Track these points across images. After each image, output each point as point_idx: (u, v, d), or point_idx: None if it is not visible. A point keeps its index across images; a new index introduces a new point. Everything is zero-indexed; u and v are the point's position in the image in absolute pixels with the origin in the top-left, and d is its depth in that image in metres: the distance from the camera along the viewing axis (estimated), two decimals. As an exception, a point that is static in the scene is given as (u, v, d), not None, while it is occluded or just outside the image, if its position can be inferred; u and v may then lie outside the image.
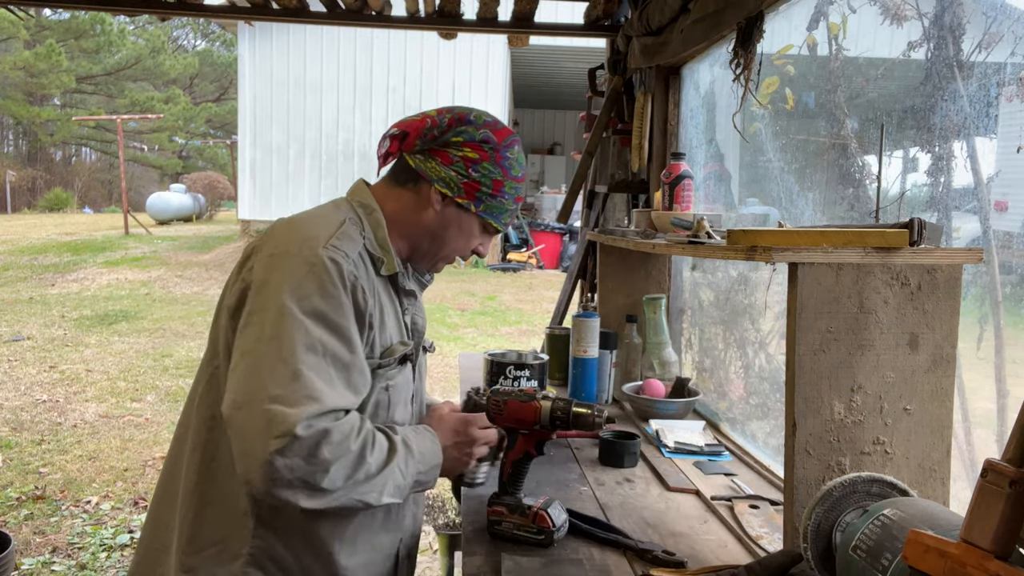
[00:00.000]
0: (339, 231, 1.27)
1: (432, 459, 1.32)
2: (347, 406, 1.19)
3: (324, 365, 1.17)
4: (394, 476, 1.23)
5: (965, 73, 1.47)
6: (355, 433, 1.17)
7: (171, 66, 25.83)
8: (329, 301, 1.19)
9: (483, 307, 9.33)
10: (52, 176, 26.45)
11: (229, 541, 1.25)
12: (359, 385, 1.22)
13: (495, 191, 1.37)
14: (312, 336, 1.16)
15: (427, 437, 1.34)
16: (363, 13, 3.17)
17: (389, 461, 1.22)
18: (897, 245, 1.23)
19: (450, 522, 3.92)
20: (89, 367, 6.58)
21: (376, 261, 1.31)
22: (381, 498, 1.22)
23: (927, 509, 1.07)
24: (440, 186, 1.36)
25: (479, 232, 1.43)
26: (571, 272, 3.60)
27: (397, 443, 1.25)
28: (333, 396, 1.16)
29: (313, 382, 1.14)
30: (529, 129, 19.17)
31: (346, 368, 1.19)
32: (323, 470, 1.13)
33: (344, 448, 1.15)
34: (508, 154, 1.38)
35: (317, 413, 1.12)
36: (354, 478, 1.17)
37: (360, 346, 1.23)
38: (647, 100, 2.75)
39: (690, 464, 1.93)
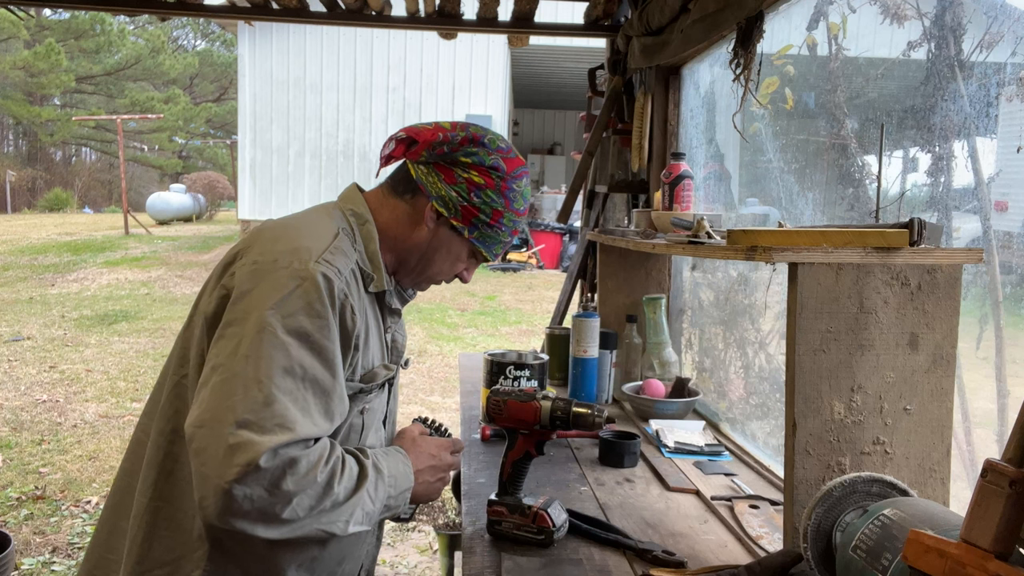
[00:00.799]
0: (333, 244, 1.19)
1: (403, 483, 1.25)
2: (320, 435, 1.11)
3: (301, 391, 1.09)
4: (363, 503, 1.15)
5: (965, 73, 1.47)
6: (323, 462, 1.09)
7: (171, 66, 25.84)
8: (316, 321, 1.11)
9: (483, 307, 9.33)
10: (52, 176, 26.45)
11: (180, 563, 1.18)
12: (336, 413, 1.14)
13: (493, 220, 1.32)
14: (292, 358, 1.08)
15: (399, 460, 1.27)
16: (363, 13, 3.17)
17: (358, 488, 1.15)
18: (897, 245, 1.23)
19: (450, 522, 3.92)
20: (89, 367, 6.58)
21: (366, 277, 1.25)
22: (348, 527, 1.14)
23: (927, 509, 1.07)
24: (437, 204, 1.30)
25: (466, 257, 1.38)
26: (571, 272, 3.60)
27: (368, 468, 1.17)
28: (306, 425, 1.08)
29: (287, 409, 1.06)
30: (529, 129, 19.17)
31: (326, 395, 1.12)
32: (284, 501, 1.05)
33: (310, 479, 1.07)
34: (515, 185, 1.33)
35: (286, 443, 1.05)
36: (319, 508, 1.09)
37: (342, 371, 1.16)
38: (647, 100, 2.75)
39: (690, 464, 1.93)
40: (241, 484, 1.02)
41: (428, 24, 3.23)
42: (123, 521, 1.25)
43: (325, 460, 1.10)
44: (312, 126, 12.77)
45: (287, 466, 1.05)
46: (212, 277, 1.22)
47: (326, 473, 1.09)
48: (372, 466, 1.19)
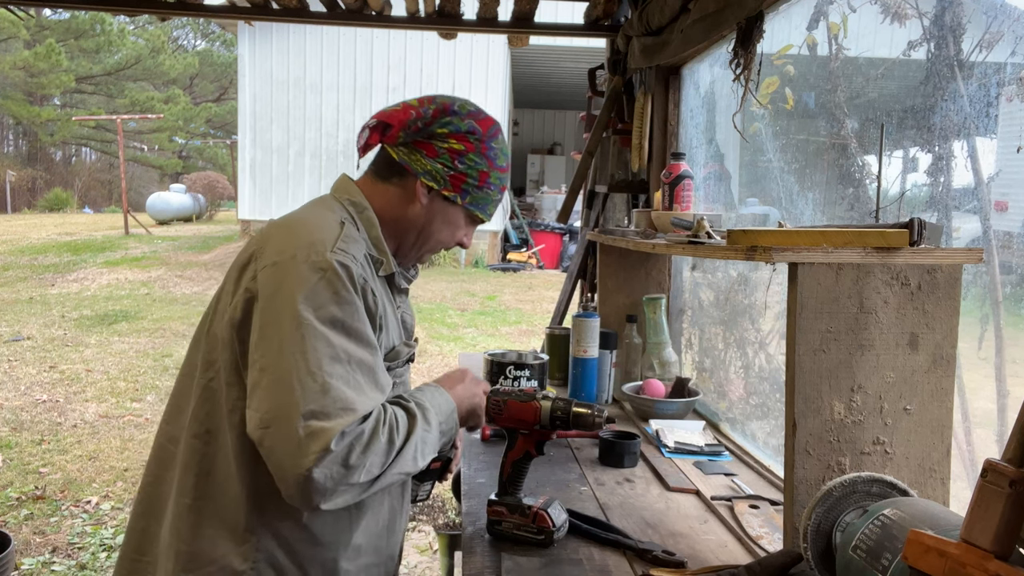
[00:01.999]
0: (343, 233, 1.24)
1: (446, 406, 1.33)
2: (375, 407, 1.18)
3: (351, 373, 1.15)
4: (421, 437, 1.23)
5: (965, 73, 1.47)
6: (381, 425, 1.17)
7: (171, 66, 25.84)
8: (345, 308, 1.17)
9: (483, 307, 9.33)
10: (52, 176, 26.45)
11: (230, 557, 1.22)
12: (383, 383, 1.22)
13: (481, 182, 1.36)
14: (335, 346, 1.15)
15: (431, 391, 1.34)
16: (363, 13, 3.17)
17: (412, 428, 1.22)
18: (897, 245, 1.23)
19: (450, 522, 3.92)
20: (89, 367, 6.58)
21: (375, 262, 1.30)
22: (418, 462, 1.23)
23: (927, 509, 1.07)
24: (426, 179, 1.34)
25: (465, 223, 1.42)
26: (571, 272, 3.60)
27: (412, 408, 1.25)
28: (363, 402, 1.15)
29: (344, 392, 1.13)
30: (529, 129, 19.17)
31: (371, 371, 1.19)
32: (359, 468, 1.13)
33: (375, 443, 1.14)
34: (493, 144, 1.37)
35: (352, 421, 1.12)
36: (388, 461, 1.17)
37: (377, 346, 1.24)
38: (647, 100, 2.75)
39: (690, 464, 1.93)
40: (319, 468, 1.09)
41: (428, 24, 3.23)
42: (154, 526, 1.29)
43: (382, 422, 1.17)
44: (312, 126, 12.77)
45: (354, 441, 1.12)
46: (228, 282, 1.26)
47: (386, 432, 1.17)
48: (416, 404, 1.26)
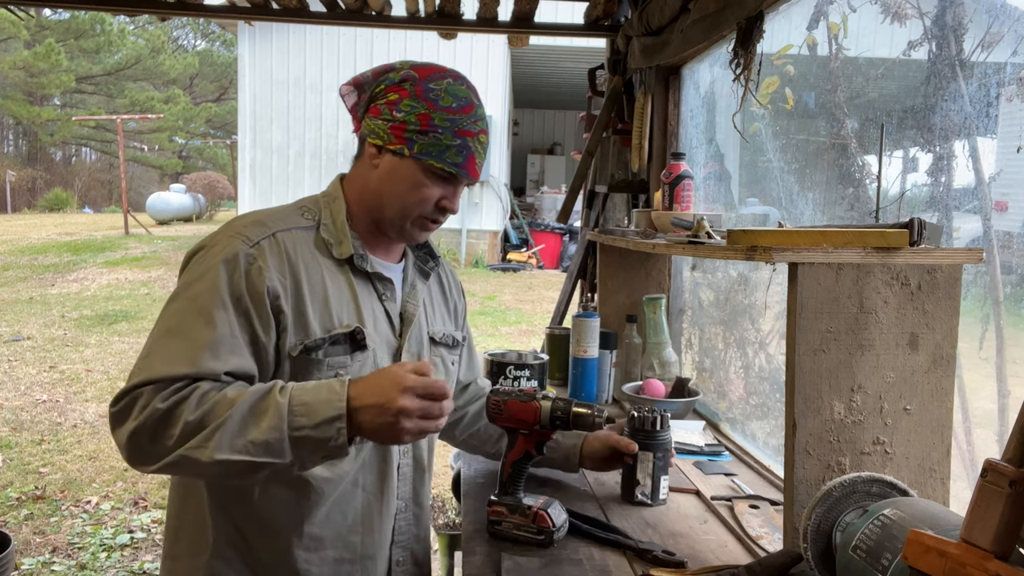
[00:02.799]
0: (258, 219, 1.29)
1: (323, 411, 1.12)
2: (176, 375, 1.14)
3: (175, 344, 1.17)
4: (232, 428, 1.11)
5: (966, 73, 1.47)
6: (166, 394, 1.13)
7: (171, 66, 25.83)
8: (207, 284, 1.20)
9: (483, 307, 9.32)
10: (52, 176, 26.43)
11: (201, 532, 1.29)
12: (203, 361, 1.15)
13: (423, 126, 1.27)
14: (173, 317, 1.20)
15: (324, 389, 1.15)
16: (363, 13, 3.17)
17: (222, 413, 1.11)
18: (897, 245, 1.23)
19: (450, 522, 3.92)
20: (89, 367, 6.58)
21: (328, 245, 1.31)
22: (213, 453, 1.09)
23: (927, 509, 1.07)
24: (372, 139, 1.32)
25: (427, 179, 1.30)
26: (571, 272, 3.60)
27: (245, 395, 1.13)
28: (161, 368, 1.15)
29: (152, 359, 1.17)
30: (529, 129, 19.16)
31: (196, 348, 1.16)
32: (133, 433, 1.12)
33: (150, 409, 1.12)
34: (432, 86, 1.29)
35: (139, 383, 1.14)
36: (166, 433, 1.11)
37: (224, 329, 1.18)
38: (647, 100, 2.75)
39: (690, 464, 1.93)
40: (114, 426, 1.15)
41: (428, 24, 3.23)
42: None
43: (172, 392, 1.14)
44: (312, 126, 12.77)
45: (132, 402, 1.14)
46: None
47: (169, 402, 1.13)
48: (257, 393, 1.14)
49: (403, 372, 1.15)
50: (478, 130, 1.32)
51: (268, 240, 1.25)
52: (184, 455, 1.11)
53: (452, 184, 1.33)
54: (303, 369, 1.26)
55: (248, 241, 1.24)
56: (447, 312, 1.56)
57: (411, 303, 1.42)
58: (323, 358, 1.26)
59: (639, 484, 1.64)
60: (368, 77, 1.35)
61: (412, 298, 1.43)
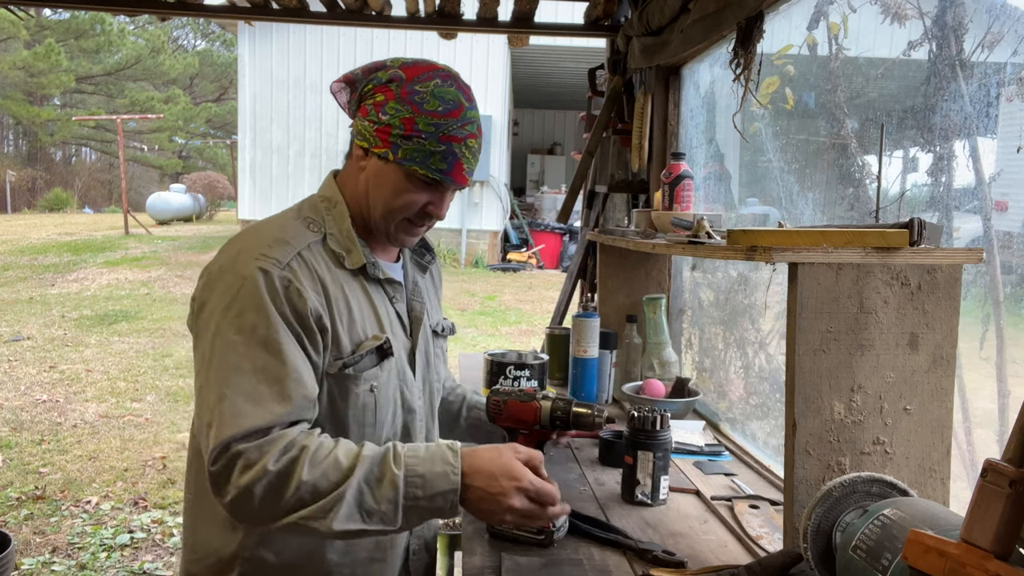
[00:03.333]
0: (275, 237, 1.23)
1: (439, 483, 1.15)
2: (276, 421, 1.13)
3: (252, 383, 1.13)
4: (351, 498, 1.11)
5: (966, 73, 1.47)
6: (276, 452, 1.10)
7: (171, 66, 25.83)
8: (257, 315, 1.16)
9: (483, 307, 9.32)
10: (52, 176, 26.44)
11: (222, 551, 1.27)
12: (294, 394, 1.15)
13: (407, 130, 1.23)
14: (241, 355, 1.14)
15: (438, 458, 1.17)
16: (363, 13, 3.17)
17: (343, 481, 1.11)
18: (897, 245, 1.23)
19: (450, 522, 3.92)
20: (89, 367, 6.58)
21: (338, 256, 1.27)
22: (332, 524, 1.10)
23: (927, 509, 1.07)
24: (359, 140, 1.29)
25: (411, 185, 1.27)
26: (571, 272, 3.60)
27: (362, 459, 1.13)
28: (257, 415, 1.12)
29: (235, 404, 1.12)
30: (529, 129, 19.17)
31: (278, 381, 1.14)
32: (241, 494, 1.10)
33: (259, 468, 1.09)
34: (418, 88, 1.24)
35: (233, 436, 1.10)
36: (285, 501, 1.10)
37: (296, 355, 1.17)
38: (647, 100, 2.75)
39: (690, 464, 1.93)
40: (213, 484, 1.12)
41: (428, 24, 3.23)
42: None
43: (282, 449, 1.11)
44: (312, 126, 12.77)
45: (235, 459, 1.11)
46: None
47: (283, 463, 1.10)
48: (373, 461, 1.14)
49: (520, 468, 1.18)
50: (466, 135, 1.27)
51: (297, 260, 1.21)
52: (302, 524, 1.11)
53: (438, 190, 1.30)
54: (340, 385, 1.25)
55: (279, 264, 1.19)
56: (437, 301, 1.56)
57: (417, 301, 1.41)
58: (358, 373, 1.25)
59: (639, 484, 1.64)
60: (359, 74, 1.31)
61: (417, 296, 1.42)
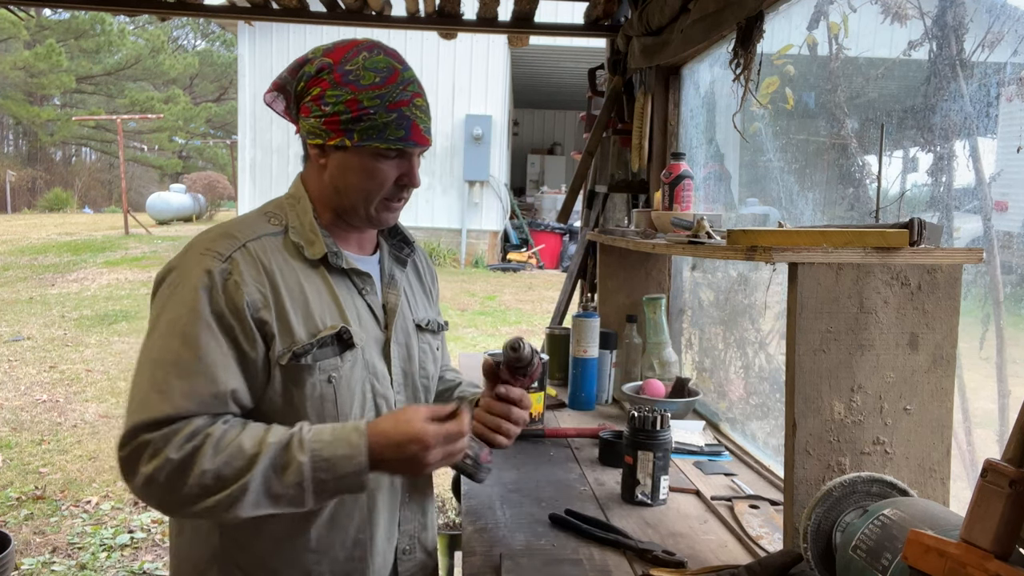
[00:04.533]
0: (226, 232, 1.25)
1: (343, 467, 1.16)
2: (179, 413, 1.13)
3: (164, 375, 1.15)
4: (262, 482, 1.13)
5: (967, 73, 1.47)
6: (179, 440, 1.11)
7: (171, 66, 25.83)
8: (184, 308, 1.17)
9: (483, 307, 9.32)
10: (52, 176, 26.43)
11: (202, 554, 1.29)
12: (202, 390, 1.15)
13: (354, 112, 1.23)
14: (159, 347, 1.17)
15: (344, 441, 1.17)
16: (363, 13, 3.17)
17: (248, 468, 1.12)
18: (897, 245, 1.23)
19: (450, 522, 3.92)
20: (89, 367, 6.58)
21: (299, 247, 1.28)
22: (239, 512, 1.12)
23: (927, 509, 1.07)
24: (311, 140, 1.29)
25: (378, 163, 1.27)
26: (571, 272, 3.60)
27: (267, 446, 1.14)
28: (161, 406, 1.13)
29: (146, 395, 1.14)
30: (529, 129, 19.16)
31: (188, 375, 1.15)
32: (144, 482, 1.11)
33: (161, 459, 1.11)
34: (348, 67, 1.25)
35: (137, 424, 1.12)
36: (187, 488, 1.11)
37: (215, 353, 1.17)
38: (647, 100, 2.75)
39: (690, 464, 1.93)
40: (122, 473, 1.15)
41: (428, 24, 3.23)
42: None
43: (185, 438, 1.13)
44: (312, 126, 12.75)
45: (142, 448, 1.13)
46: None
47: (184, 451, 1.12)
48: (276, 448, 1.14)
49: (422, 428, 1.17)
50: (411, 95, 1.27)
51: (240, 252, 1.22)
52: (209, 511, 1.13)
53: (405, 158, 1.30)
54: (294, 376, 1.23)
55: (220, 256, 1.20)
56: (426, 297, 1.53)
57: (392, 293, 1.40)
58: (313, 363, 1.24)
59: (639, 484, 1.64)
60: (286, 77, 1.31)
61: (392, 288, 1.41)
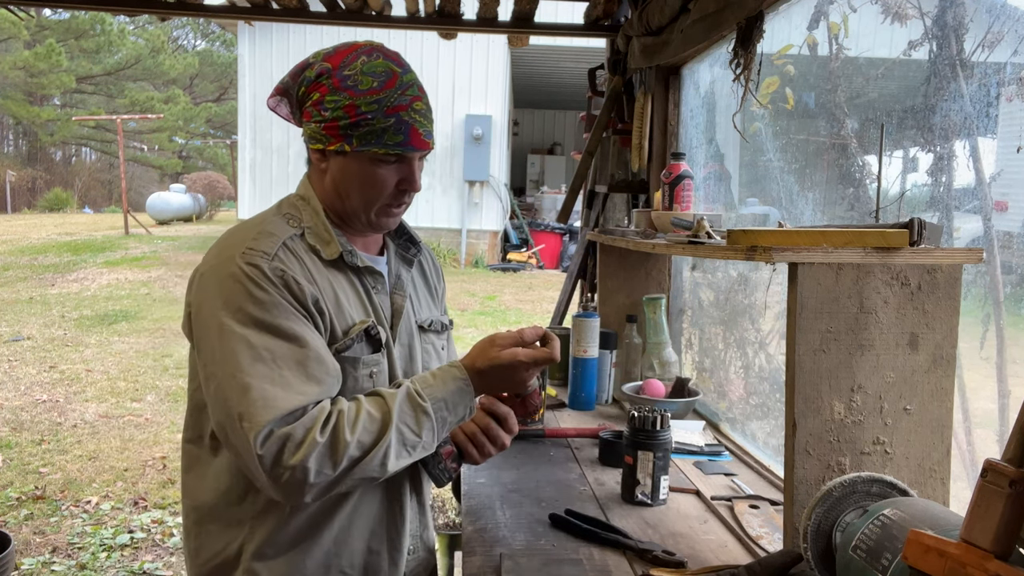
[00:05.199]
0: (258, 231, 1.26)
1: (458, 399, 1.26)
2: (308, 401, 1.17)
3: (275, 370, 1.16)
4: (396, 439, 1.19)
5: (967, 73, 1.47)
6: (319, 424, 1.15)
7: (171, 66, 25.83)
8: (261, 305, 1.18)
9: (483, 307, 9.32)
10: (52, 176, 26.43)
11: (227, 551, 1.29)
12: (319, 374, 1.19)
13: (352, 117, 1.24)
14: (255, 346, 1.17)
15: (449, 377, 1.27)
16: (363, 13, 3.17)
17: (384, 430, 1.19)
18: (897, 245, 1.23)
19: (450, 522, 3.92)
20: (89, 367, 6.58)
21: (316, 249, 1.29)
22: (387, 467, 1.18)
23: (927, 509, 1.07)
24: (313, 144, 1.30)
25: (377, 169, 1.28)
26: (571, 272, 3.60)
27: (394, 407, 1.20)
28: (289, 398, 1.15)
29: (265, 391, 1.14)
30: (529, 129, 19.16)
31: (299, 364, 1.18)
32: (299, 471, 1.13)
33: (310, 443, 1.13)
34: (346, 72, 1.25)
35: (272, 420, 1.13)
36: (338, 463, 1.15)
37: (310, 336, 1.21)
38: (647, 100, 2.75)
39: (690, 464, 1.93)
40: (266, 470, 1.13)
41: (428, 24, 3.23)
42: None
43: (324, 421, 1.16)
44: (312, 126, 12.75)
45: (284, 441, 1.13)
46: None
47: (328, 432, 1.15)
48: (404, 400, 1.22)
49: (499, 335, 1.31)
50: (410, 99, 1.27)
51: (283, 249, 1.24)
52: (359, 477, 1.17)
53: (405, 163, 1.30)
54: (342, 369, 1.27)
55: (267, 255, 1.22)
56: (431, 297, 1.55)
57: (398, 294, 1.42)
58: (357, 356, 1.28)
59: (639, 484, 1.64)
60: (288, 82, 1.32)
61: (399, 289, 1.43)
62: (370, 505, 1.34)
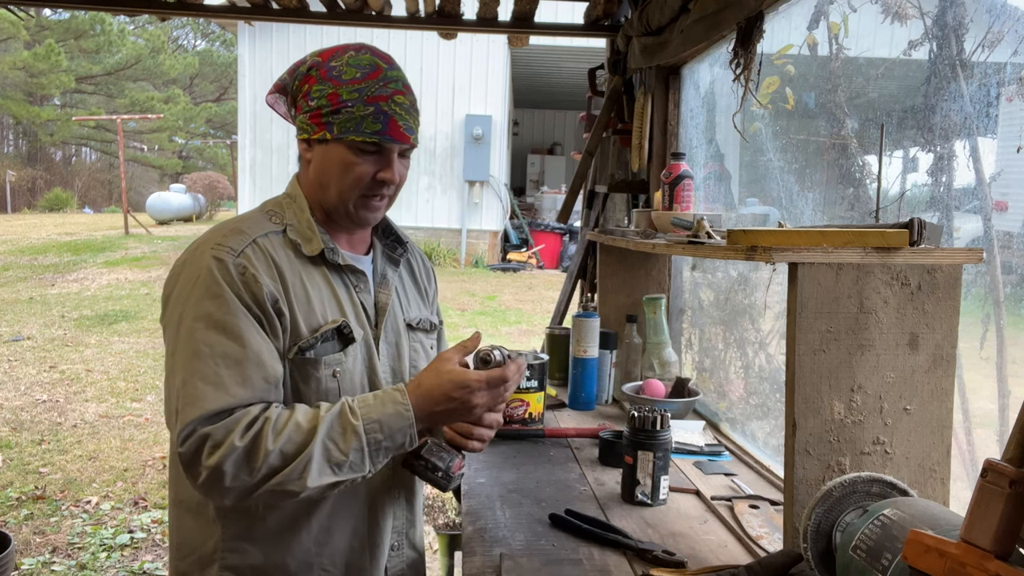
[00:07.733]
0: (232, 227, 1.28)
1: (396, 423, 1.22)
2: (237, 403, 1.17)
3: (212, 367, 1.17)
4: (319, 454, 1.16)
5: (967, 73, 1.47)
6: (242, 428, 1.14)
7: (171, 66, 25.82)
8: (215, 300, 1.20)
9: (483, 307, 9.32)
10: (52, 176, 26.42)
11: (204, 547, 1.30)
12: (255, 378, 1.19)
13: (334, 105, 1.26)
14: (199, 341, 1.18)
15: (389, 400, 1.23)
16: (363, 13, 3.17)
17: (308, 442, 1.16)
18: (897, 245, 1.23)
19: (450, 522, 3.92)
20: (89, 367, 6.58)
21: (297, 245, 1.31)
22: (307, 482, 1.15)
23: (927, 509, 1.07)
24: (300, 135, 1.33)
25: (355, 157, 1.28)
26: (571, 272, 3.60)
27: (322, 420, 1.18)
28: (218, 398, 1.15)
29: (196, 388, 1.15)
30: (529, 129, 19.16)
31: (238, 364, 1.18)
32: (213, 473, 1.13)
33: (228, 447, 1.13)
34: (332, 63, 1.29)
35: (198, 417, 1.14)
36: (254, 470, 1.14)
37: (255, 339, 1.20)
38: (647, 100, 2.75)
39: (690, 464, 1.93)
40: (184, 467, 1.16)
41: (428, 24, 3.23)
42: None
43: (246, 426, 1.15)
44: (312, 126, 12.75)
45: (203, 441, 1.14)
46: None
47: (248, 438, 1.14)
48: (332, 418, 1.19)
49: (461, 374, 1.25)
50: (391, 92, 1.28)
51: (251, 247, 1.25)
52: (276, 489, 1.16)
53: (383, 154, 1.30)
54: (301, 370, 1.27)
55: (232, 252, 1.23)
56: (420, 297, 1.55)
57: (383, 293, 1.42)
58: (318, 357, 1.27)
59: (639, 484, 1.64)
60: (286, 79, 1.37)
61: (384, 287, 1.43)
62: (352, 501, 1.34)
